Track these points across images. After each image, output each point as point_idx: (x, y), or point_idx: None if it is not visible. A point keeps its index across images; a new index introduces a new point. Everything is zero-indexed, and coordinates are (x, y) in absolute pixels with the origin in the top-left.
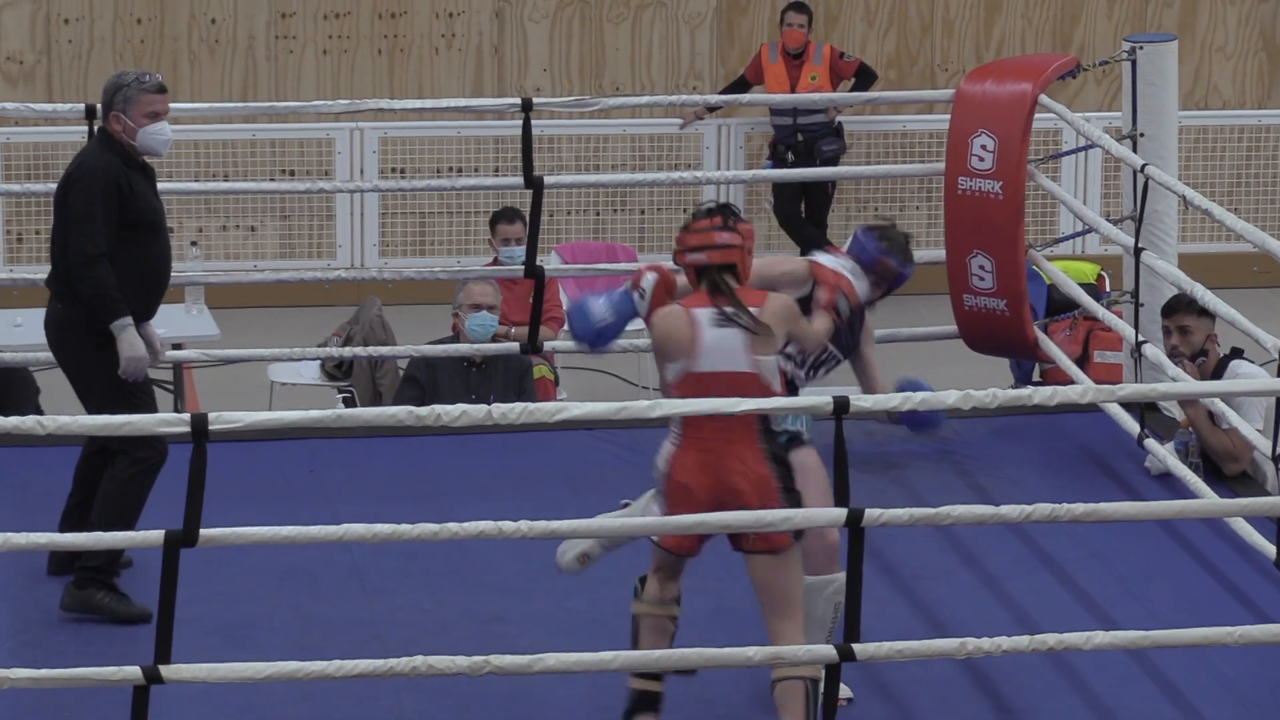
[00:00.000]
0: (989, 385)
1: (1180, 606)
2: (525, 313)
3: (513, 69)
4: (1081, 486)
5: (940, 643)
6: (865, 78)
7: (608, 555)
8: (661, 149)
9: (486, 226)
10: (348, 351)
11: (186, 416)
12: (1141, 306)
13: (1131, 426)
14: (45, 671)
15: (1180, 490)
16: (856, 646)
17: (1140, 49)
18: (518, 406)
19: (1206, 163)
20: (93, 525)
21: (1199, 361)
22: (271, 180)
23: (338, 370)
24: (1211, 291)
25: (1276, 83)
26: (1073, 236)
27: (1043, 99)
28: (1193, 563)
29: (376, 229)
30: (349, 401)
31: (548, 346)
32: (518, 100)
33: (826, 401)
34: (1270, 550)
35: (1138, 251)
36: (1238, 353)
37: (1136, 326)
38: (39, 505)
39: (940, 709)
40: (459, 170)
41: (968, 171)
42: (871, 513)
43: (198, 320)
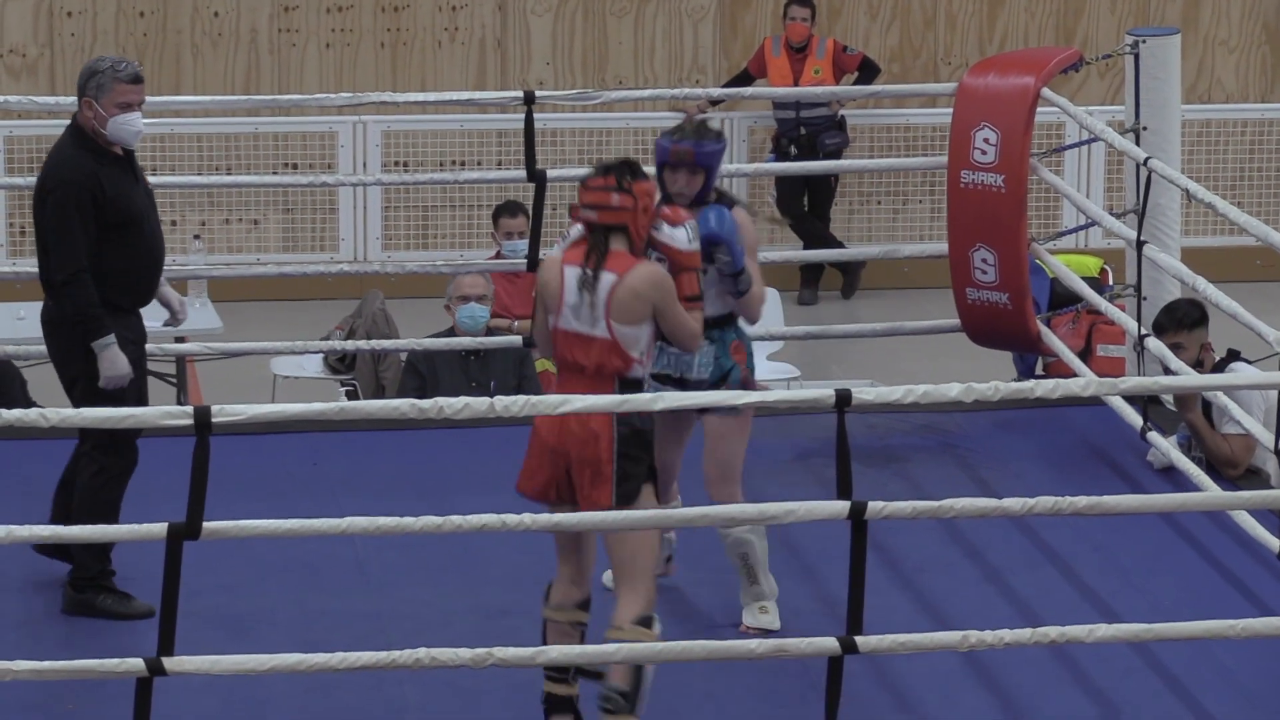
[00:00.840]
0: (991, 378)
1: (1183, 599)
2: (528, 306)
3: (515, 62)
4: (1084, 480)
5: (942, 635)
6: (868, 71)
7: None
8: None
9: (489, 220)
10: (350, 345)
11: (189, 409)
12: (1144, 300)
13: (1134, 420)
14: (48, 664)
15: (1183, 483)
16: (859, 639)
17: (1143, 43)
18: (520, 400)
19: (1209, 156)
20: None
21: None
22: (274, 174)
23: (340, 363)
24: (1214, 285)
25: (1279, 76)
26: (1075, 230)
27: (1045, 92)
28: (1195, 556)
29: (379, 222)
30: (352, 395)
31: None
32: (520, 93)
33: (828, 394)
34: (1273, 543)
35: (1140, 245)
36: (1234, 355)
37: (1139, 320)
38: (41, 498)
39: (942, 702)
40: (462, 164)
41: (970, 165)
42: (874, 506)
43: (200, 313)
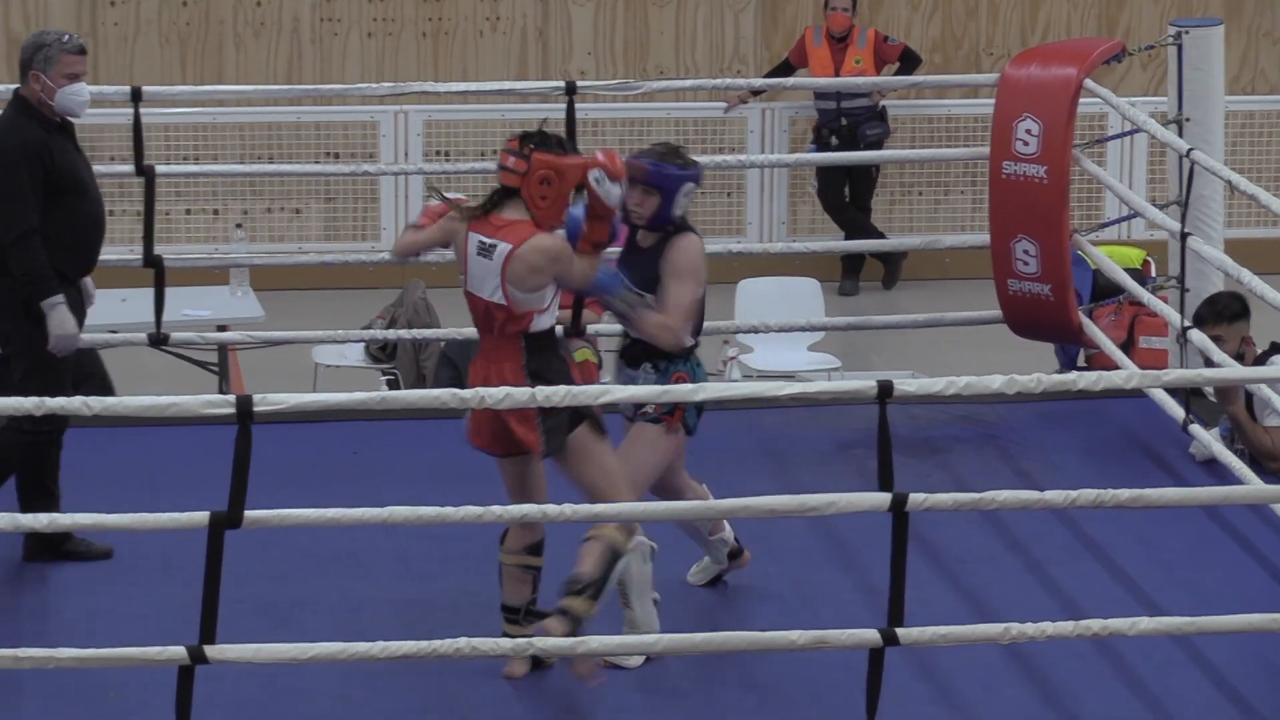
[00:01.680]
0: (1033, 370)
1: (1225, 592)
2: (568, 296)
3: (557, 52)
4: (1126, 472)
5: (984, 628)
6: (909, 62)
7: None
8: (705, 132)
9: None
10: (392, 334)
11: (231, 398)
12: (1187, 292)
13: (1176, 412)
14: (91, 651)
15: (1225, 476)
16: (900, 631)
17: (1186, 33)
18: (561, 390)
19: (1253, 148)
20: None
21: None
22: (316, 163)
23: (382, 353)
24: (1258, 277)
25: None
26: (1118, 221)
27: (1088, 83)
28: (1238, 549)
29: (421, 212)
30: (393, 384)
31: (591, 330)
32: (562, 83)
33: (870, 386)
34: None
35: (1184, 236)
36: (1277, 347)
37: (1182, 312)
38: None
39: (983, 694)
40: None
41: (1012, 156)
42: (915, 497)
43: (242, 302)
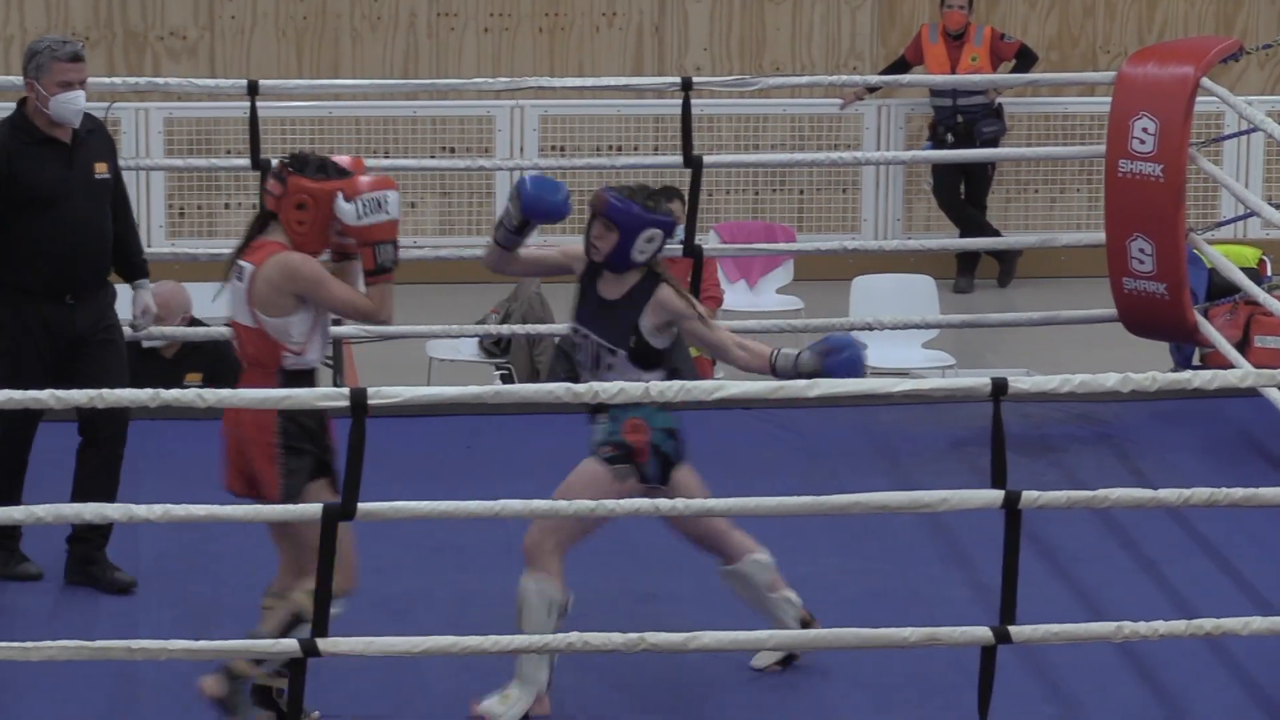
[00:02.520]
0: (1148, 369)
1: None
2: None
3: (673, 48)
4: (1241, 471)
5: (1096, 626)
6: (1026, 59)
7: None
8: (821, 129)
9: None
10: (506, 329)
11: (346, 391)
12: None
13: None
14: (204, 644)
15: None
16: (1013, 629)
17: None
18: (675, 384)
19: None
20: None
21: None
22: (432, 157)
23: (496, 347)
24: None
25: None
26: (1234, 220)
27: (1205, 82)
28: None
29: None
30: (507, 378)
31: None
32: (678, 79)
33: (984, 383)
34: None
35: None
36: None
37: None
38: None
39: (1095, 693)
40: (618, 148)
41: (1129, 154)
42: (1028, 495)
43: None
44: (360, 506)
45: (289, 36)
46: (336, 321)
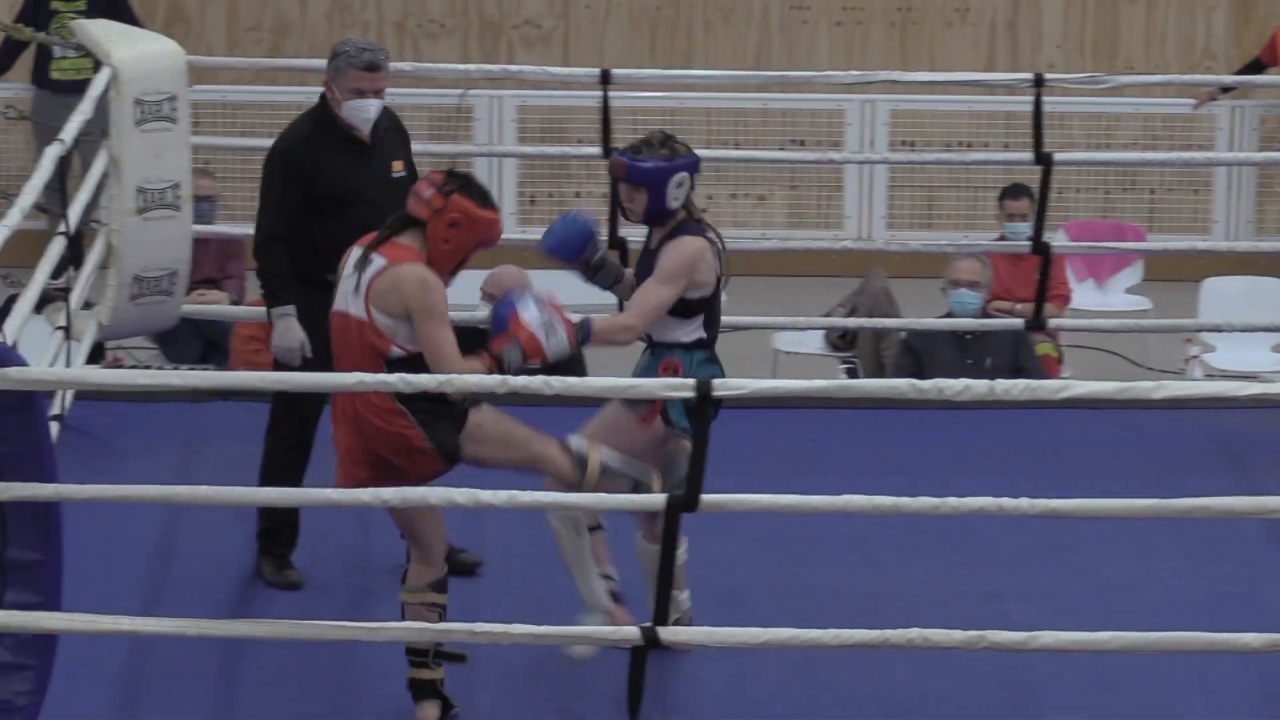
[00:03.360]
0: None
1: None
2: (1030, 289)
3: (1026, 44)
4: None
5: None
6: None
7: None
8: (1173, 129)
9: (994, 202)
10: (852, 322)
11: (691, 382)
12: None
13: None
14: (545, 629)
15: None
16: None
17: None
18: (1020, 383)
19: None
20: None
21: None
22: (781, 150)
23: (842, 341)
24: None
25: None
26: None
27: None
28: None
29: (884, 201)
30: (852, 372)
31: (1052, 324)
32: (1030, 76)
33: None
34: None
35: None
36: None
37: None
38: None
39: None
40: (968, 145)
41: None
42: None
43: None
44: (704, 497)
45: (642, 26)
46: None
